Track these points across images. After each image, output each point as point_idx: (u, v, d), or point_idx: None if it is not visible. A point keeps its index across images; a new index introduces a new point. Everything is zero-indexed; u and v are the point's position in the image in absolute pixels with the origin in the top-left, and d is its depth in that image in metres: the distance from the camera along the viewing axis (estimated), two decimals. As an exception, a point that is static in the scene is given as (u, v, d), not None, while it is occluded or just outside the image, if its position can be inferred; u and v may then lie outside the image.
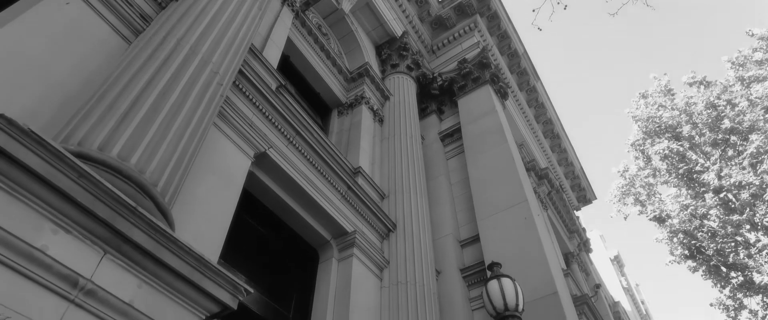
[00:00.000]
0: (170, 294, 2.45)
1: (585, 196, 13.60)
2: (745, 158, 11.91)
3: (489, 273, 5.37)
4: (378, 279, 5.79)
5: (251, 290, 2.80)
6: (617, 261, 29.36)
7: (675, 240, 14.26)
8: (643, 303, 32.05)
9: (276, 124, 4.96)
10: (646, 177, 14.16)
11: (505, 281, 5.12)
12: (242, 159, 4.33)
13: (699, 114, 12.97)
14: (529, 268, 5.94)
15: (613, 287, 24.34)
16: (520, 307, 5.03)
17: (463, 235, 7.05)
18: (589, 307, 7.48)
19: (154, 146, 2.89)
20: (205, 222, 3.70)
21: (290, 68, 7.38)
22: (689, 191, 13.31)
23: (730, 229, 13.05)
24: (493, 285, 5.15)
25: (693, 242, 13.80)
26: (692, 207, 12.96)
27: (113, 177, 2.55)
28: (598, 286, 9.75)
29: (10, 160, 1.98)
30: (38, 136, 2.06)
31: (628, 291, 27.74)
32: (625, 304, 23.00)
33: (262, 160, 4.69)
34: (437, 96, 9.37)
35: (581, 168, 13.35)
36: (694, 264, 14.52)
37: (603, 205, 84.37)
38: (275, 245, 5.44)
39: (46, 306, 2.00)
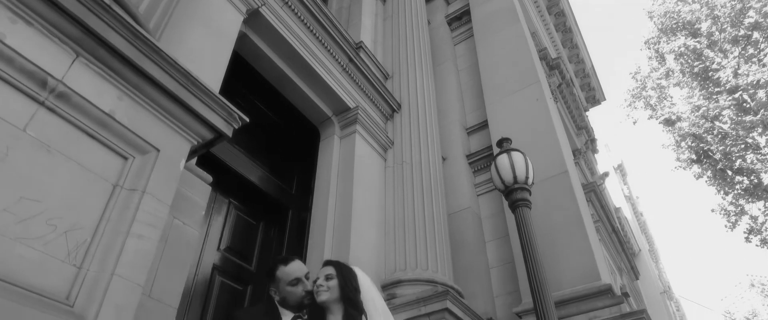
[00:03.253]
0: (156, 111, 2.23)
1: (594, 97, 13.17)
2: (766, 55, 11.31)
3: (498, 150, 5.16)
4: (382, 159, 5.64)
5: (247, 119, 2.59)
6: (620, 169, 29.58)
7: (683, 144, 14.09)
8: (641, 214, 32.70)
9: (269, -22, 4.52)
10: (658, 78, 13.60)
11: (515, 154, 4.91)
12: (233, 13, 3.96)
13: (722, 6, 12.15)
14: (539, 149, 5.75)
15: (616, 194, 24.66)
16: (530, 180, 4.86)
17: (469, 122, 6.83)
18: (596, 194, 7.42)
19: (130, -36, 2.56)
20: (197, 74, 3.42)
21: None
22: (702, 92, 12.84)
23: (741, 132, 12.77)
24: (502, 158, 4.93)
25: (701, 145, 13.59)
26: (704, 108, 12.55)
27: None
28: (606, 174, 9.63)
29: None
30: None
31: (628, 199, 28.20)
32: (626, 212, 23.42)
33: (254, 19, 4.32)
34: (445, -27, 8.70)
35: (592, 66, 12.81)
36: (700, 169, 14.48)
37: (610, 112, 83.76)
38: (273, 120, 5.22)
39: (11, 104, 1.77)
